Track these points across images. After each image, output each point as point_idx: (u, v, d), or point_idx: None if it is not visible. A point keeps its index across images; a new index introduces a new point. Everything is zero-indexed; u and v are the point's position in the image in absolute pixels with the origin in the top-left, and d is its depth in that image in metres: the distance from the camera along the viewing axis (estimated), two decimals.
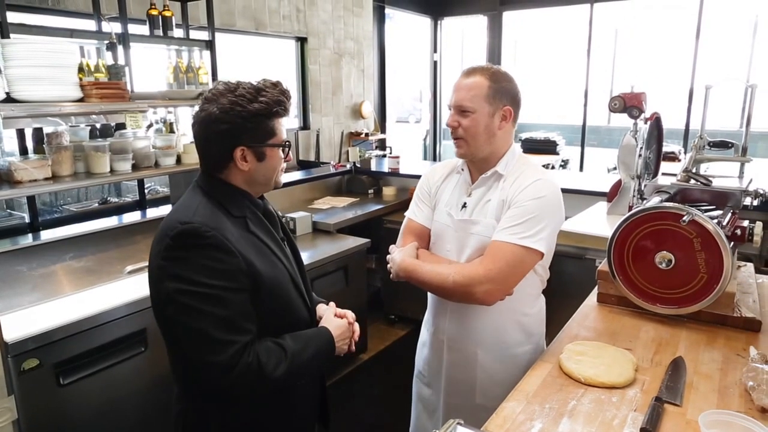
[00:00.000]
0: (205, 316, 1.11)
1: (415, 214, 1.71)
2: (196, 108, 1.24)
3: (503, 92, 1.51)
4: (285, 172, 1.36)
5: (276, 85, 1.23)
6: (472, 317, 1.60)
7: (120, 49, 2.93)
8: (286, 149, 1.29)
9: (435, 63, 7.71)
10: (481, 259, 1.49)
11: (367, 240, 3.22)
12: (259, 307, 1.19)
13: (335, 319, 1.37)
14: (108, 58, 2.86)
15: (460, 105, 1.51)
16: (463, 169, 1.65)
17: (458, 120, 1.52)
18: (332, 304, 1.46)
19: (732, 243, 1.54)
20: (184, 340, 1.16)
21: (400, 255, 1.59)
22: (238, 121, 1.17)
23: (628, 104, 2.29)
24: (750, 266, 1.97)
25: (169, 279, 1.14)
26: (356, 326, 1.41)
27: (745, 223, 1.63)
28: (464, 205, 1.60)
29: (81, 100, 2.22)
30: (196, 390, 1.26)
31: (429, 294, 1.73)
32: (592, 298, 1.80)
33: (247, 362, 1.12)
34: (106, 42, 2.85)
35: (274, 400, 1.30)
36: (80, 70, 2.39)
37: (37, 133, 2.69)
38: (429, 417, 1.78)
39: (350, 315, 1.41)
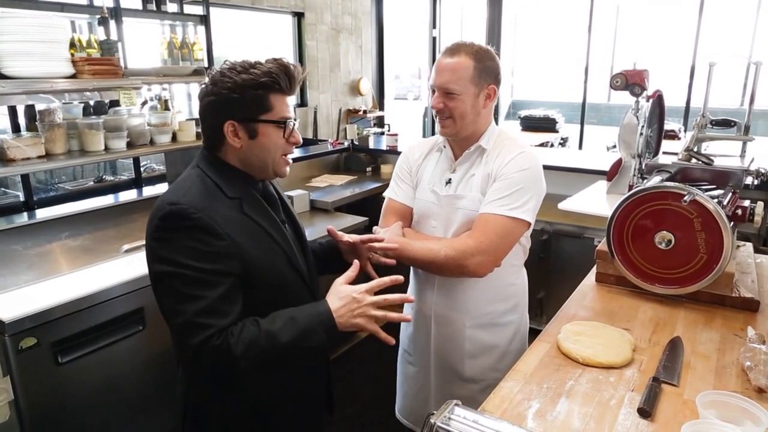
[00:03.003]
0: (186, 299, 1.09)
1: (395, 193, 1.72)
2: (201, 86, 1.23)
3: (488, 72, 1.51)
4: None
5: (276, 59, 1.18)
6: (459, 290, 1.63)
7: (112, 24, 2.86)
8: (287, 127, 1.19)
9: (434, 39, 7.58)
10: (470, 232, 1.51)
11: (365, 218, 3.20)
12: (250, 291, 1.17)
13: (341, 288, 1.20)
14: (100, 34, 2.80)
15: (446, 88, 1.50)
16: (445, 146, 1.66)
17: (444, 102, 1.51)
18: (353, 266, 1.26)
19: (732, 223, 1.53)
20: (168, 320, 1.15)
21: (386, 234, 1.59)
22: (223, 92, 1.15)
23: (630, 82, 2.25)
24: (749, 246, 1.96)
25: (157, 261, 1.13)
26: (374, 299, 1.18)
27: (746, 202, 1.62)
28: (449, 181, 1.61)
29: (73, 76, 2.18)
30: (196, 372, 1.25)
31: (411, 272, 1.74)
32: (591, 277, 1.80)
33: (215, 345, 1.08)
34: (98, 16, 2.78)
35: (275, 383, 1.28)
36: (72, 45, 2.33)
37: (30, 110, 2.65)
38: (416, 394, 1.80)
39: (364, 286, 1.19)
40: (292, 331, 1.12)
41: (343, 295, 1.18)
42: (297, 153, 4.16)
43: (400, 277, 1.21)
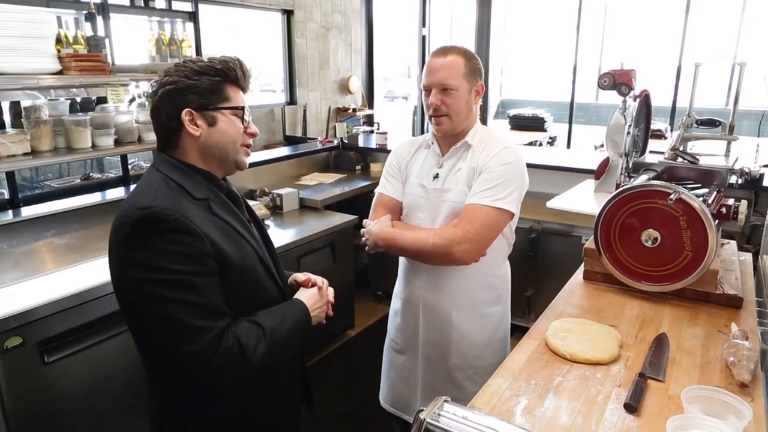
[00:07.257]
0: (177, 305, 1.06)
1: (386, 188, 1.79)
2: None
3: (476, 70, 1.64)
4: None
5: (234, 58, 1.20)
6: (446, 281, 1.70)
7: (99, 19, 2.83)
8: (242, 115, 1.20)
9: (423, 38, 7.59)
10: (457, 222, 1.59)
11: (355, 216, 3.21)
12: (229, 290, 1.15)
13: (306, 290, 1.35)
14: (87, 29, 2.77)
15: (444, 84, 1.59)
16: (432, 143, 1.74)
17: (442, 99, 1.60)
18: (304, 275, 1.41)
19: (717, 221, 1.55)
20: (157, 332, 1.10)
21: (377, 226, 1.67)
22: (180, 80, 1.14)
23: (618, 81, 2.27)
24: (733, 244, 1.99)
25: (135, 269, 1.07)
26: (330, 291, 1.40)
27: (730, 201, 1.65)
28: (436, 176, 1.70)
29: (59, 72, 2.16)
30: (173, 383, 1.21)
31: (401, 263, 1.83)
32: (578, 275, 1.82)
33: (228, 346, 1.08)
34: (85, 12, 2.75)
35: (255, 384, 1.26)
36: (58, 41, 2.31)
37: (15, 106, 2.61)
38: (404, 383, 1.85)
39: (320, 280, 1.39)
40: (284, 327, 1.21)
41: (311, 294, 1.34)
42: (286, 151, 4.15)
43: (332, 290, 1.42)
